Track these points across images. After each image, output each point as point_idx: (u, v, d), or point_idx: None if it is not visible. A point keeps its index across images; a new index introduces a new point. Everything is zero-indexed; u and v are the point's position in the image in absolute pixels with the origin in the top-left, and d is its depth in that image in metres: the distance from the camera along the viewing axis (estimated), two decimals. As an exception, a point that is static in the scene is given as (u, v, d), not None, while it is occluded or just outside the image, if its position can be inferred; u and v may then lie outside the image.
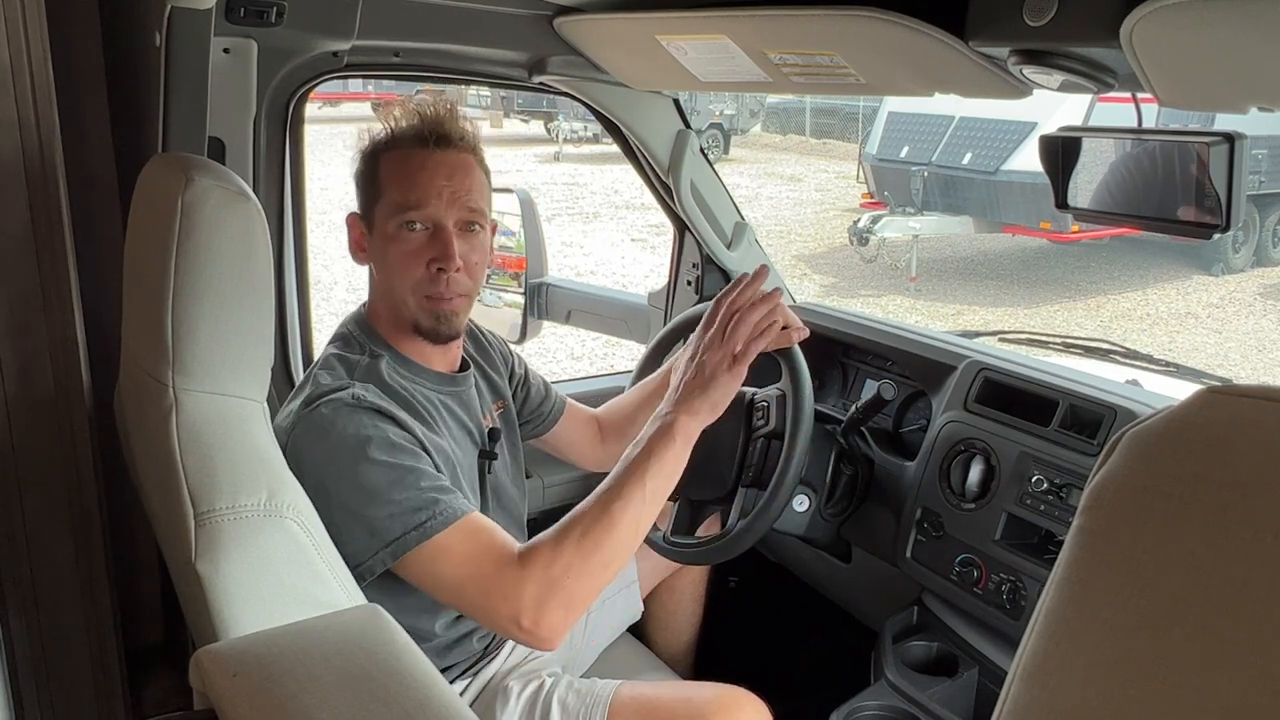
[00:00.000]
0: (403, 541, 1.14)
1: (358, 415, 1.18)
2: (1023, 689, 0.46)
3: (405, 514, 1.15)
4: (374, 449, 1.16)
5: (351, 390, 1.20)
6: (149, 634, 1.73)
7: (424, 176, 1.26)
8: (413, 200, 1.26)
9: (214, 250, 1.01)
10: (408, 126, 1.29)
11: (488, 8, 1.59)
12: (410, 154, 1.28)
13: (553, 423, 1.65)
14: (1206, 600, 0.40)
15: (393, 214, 1.27)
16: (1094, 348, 1.88)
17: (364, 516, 1.15)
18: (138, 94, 1.37)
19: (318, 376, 1.26)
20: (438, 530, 1.15)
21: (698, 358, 1.34)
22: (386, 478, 1.15)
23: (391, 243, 1.28)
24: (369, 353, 1.30)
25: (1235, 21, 0.86)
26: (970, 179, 8.43)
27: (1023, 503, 1.45)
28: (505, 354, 1.57)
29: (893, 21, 1.13)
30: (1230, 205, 1.04)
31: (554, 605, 1.13)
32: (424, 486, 1.17)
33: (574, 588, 1.15)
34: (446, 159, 1.28)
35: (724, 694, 1.32)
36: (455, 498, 1.19)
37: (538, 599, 1.12)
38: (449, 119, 1.29)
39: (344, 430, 1.17)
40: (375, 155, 1.31)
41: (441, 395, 1.35)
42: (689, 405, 1.29)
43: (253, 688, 0.69)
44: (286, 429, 1.22)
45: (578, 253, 9.09)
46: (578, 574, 1.15)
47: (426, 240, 1.27)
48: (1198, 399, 0.44)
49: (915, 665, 1.53)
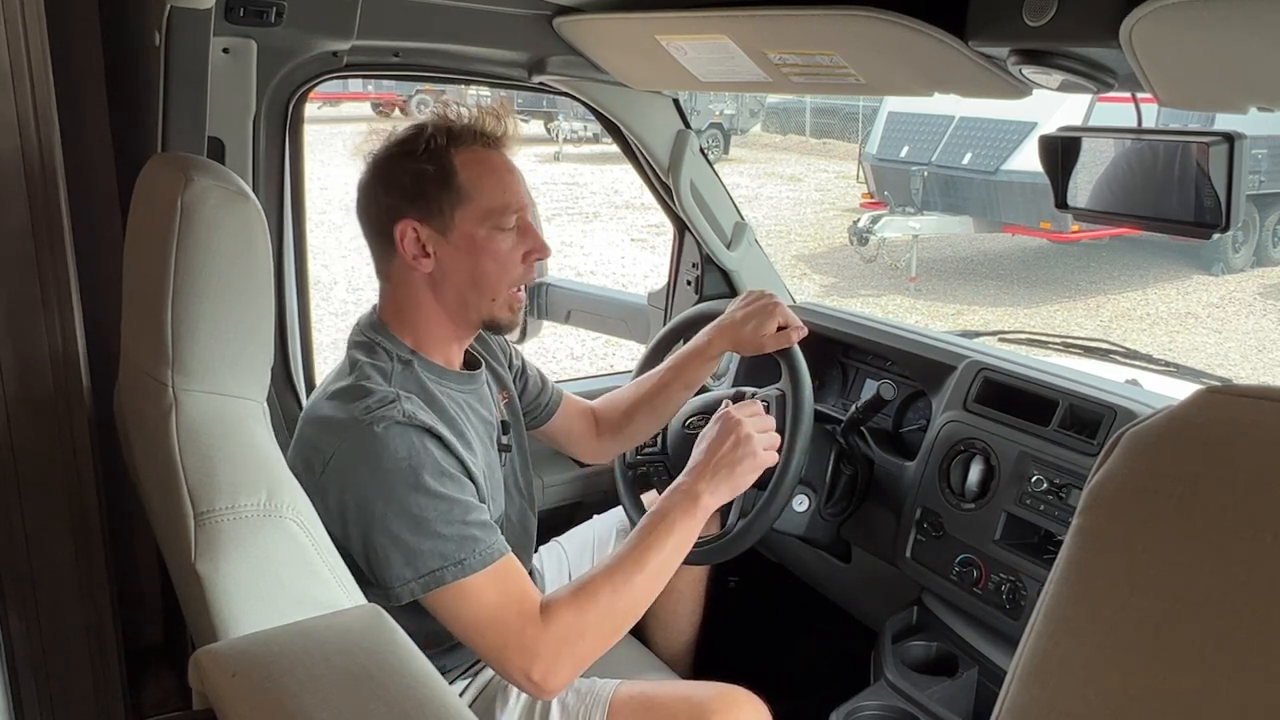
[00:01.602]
0: (438, 575, 1.16)
1: (409, 436, 1.18)
2: (1022, 688, 0.46)
3: (448, 548, 1.16)
4: (426, 476, 1.17)
5: (400, 405, 1.19)
6: (148, 634, 1.73)
7: (511, 179, 1.30)
8: (512, 203, 1.29)
9: (214, 250, 1.01)
10: (473, 125, 1.28)
11: (487, 8, 1.59)
12: (489, 155, 1.29)
13: (550, 414, 1.65)
14: (1205, 599, 0.40)
15: (487, 217, 1.27)
16: (1094, 348, 1.88)
17: (406, 543, 1.15)
18: (137, 94, 1.37)
19: (361, 386, 1.23)
20: (473, 570, 1.17)
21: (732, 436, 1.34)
22: (435, 509, 1.16)
23: (485, 246, 1.27)
24: (396, 357, 1.29)
25: (1235, 21, 0.86)
26: (970, 179, 8.43)
27: (1022, 503, 1.45)
28: (504, 346, 1.58)
29: (892, 21, 1.13)
30: (1230, 205, 1.04)
31: (566, 664, 1.18)
32: (469, 521, 1.18)
33: (587, 651, 1.20)
34: (510, 157, 1.33)
35: (724, 693, 1.32)
36: (495, 536, 1.20)
37: (552, 657, 1.16)
38: (507, 115, 1.32)
39: (396, 453, 1.17)
40: (444, 155, 1.26)
41: (464, 395, 1.36)
42: (714, 485, 1.31)
43: (252, 687, 0.69)
44: (331, 440, 1.19)
45: (578, 253, 9.09)
46: (594, 639, 1.20)
47: (517, 237, 1.30)
48: (1197, 399, 0.44)
49: (915, 665, 1.53)
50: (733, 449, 1.32)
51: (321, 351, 1.90)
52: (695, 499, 1.28)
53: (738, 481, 1.32)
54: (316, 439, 1.22)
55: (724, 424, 1.35)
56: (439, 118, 1.28)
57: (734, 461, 1.31)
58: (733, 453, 1.32)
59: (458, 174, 1.26)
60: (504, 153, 1.31)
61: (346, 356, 1.31)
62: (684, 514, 1.27)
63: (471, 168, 1.27)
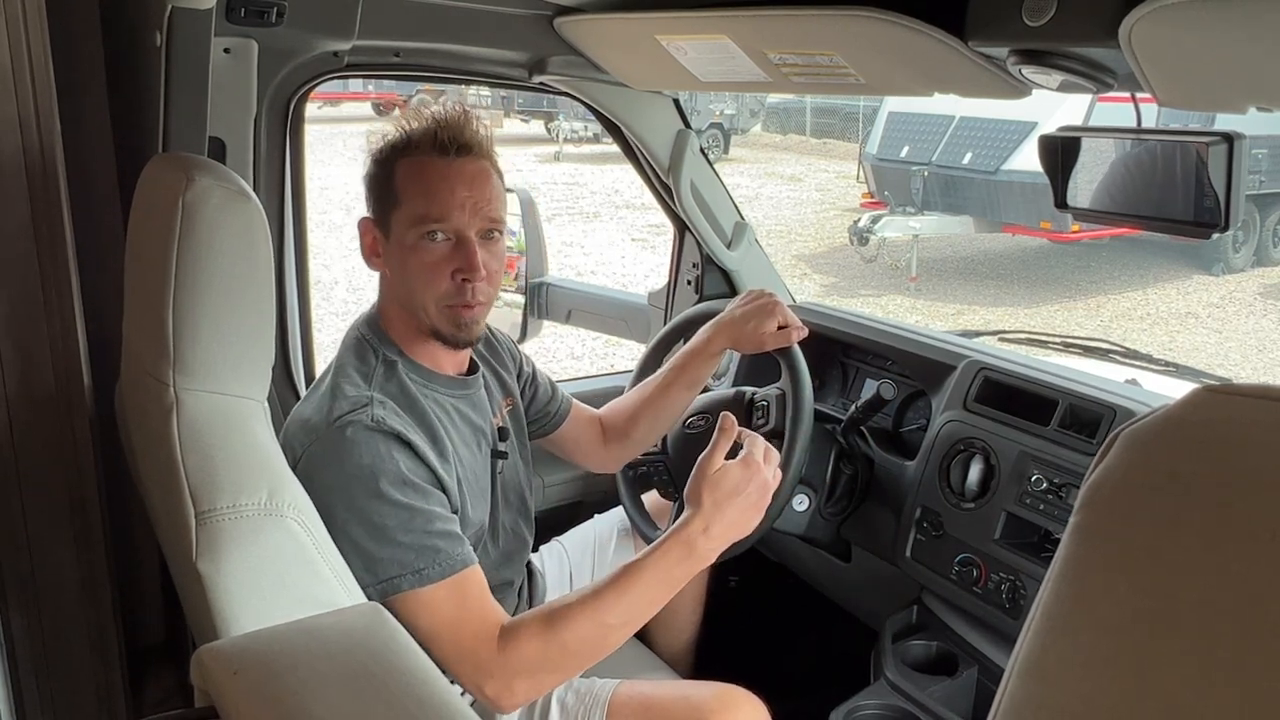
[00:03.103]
0: (394, 583, 1.15)
1: (375, 442, 1.17)
2: (1020, 685, 0.46)
3: (406, 556, 1.15)
4: (386, 484, 1.16)
5: (371, 410, 1.19)
6: (150, 632, 1.73)
7: (445, 187, 1.24)
8: (435, 213, 1.24)
9: (215, 250, 1.01)
10: (424, 133, 1.26)
11: (488, 8, 1.59)
12: (429, 162, 1.25)
13: (559, 423, 1.65)
14: (1202, 597, 0.40)
15: (413, 225, 1.25)
16: (1094, 347, 1.88)
17: (364, 550, 1.15)
18: (138, 94, 1.37)
19: (339, 387, 1.24)
20: (431, 581, 1.16)
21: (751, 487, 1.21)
22: (395, 516, 1.16)
23: (412, 253, 1.25)
24: (382, 357, 1.29)
25: (1234, 21, 0.86)
26: (970, 179, 8.42)
27: (1022, 502, 1.45)
28: (514, 352, 1.57)
29: (892, 21, 1.13)
30: (1229, 205, 1.04)
31: (522, 688, 1.17)
32: (431, 531, 1.17)
33: (547, 679, 1.20)
34: (465, 167, 1.26)
35: (723, 693, 1.32)
36: (459, 548, 1.19)
37: (508, 679, 1.16)
38: (466, 125, 1.27)
39: (360, 459, 1.16)
40: (390, 161, 1.27)
41: (453, 399, 1.35)
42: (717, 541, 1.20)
43: (254, 686, 0.69)
44: (303, 440, 1.20)
45: (578, 252, 9.09)
46: (556, 669, 1.19)
47: (449, 251, 1.25)
48: (1194, 398, 0.44)
49: (915, 664, 1.54)
50: (745, 502, 1.21)
51: (322, 351, 1.90)
52: (695, 550, 1.20)
53: (739, 535, 1.23)
54: (292, 438, 1.23)
55: (741, 477, 1.21)
56: (402, 123, 1.29)
57: (738, 520, 1.21)
58: (740, 514, 1.21)
59: (395, 178, 1.26)
60: (454, 162, 1.25)
61: (337, 355, 1.32)
62: (680, 560, 1.20)
63: (406, 172, 1.26)
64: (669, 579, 1.20)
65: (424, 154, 1.26)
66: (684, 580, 1.22)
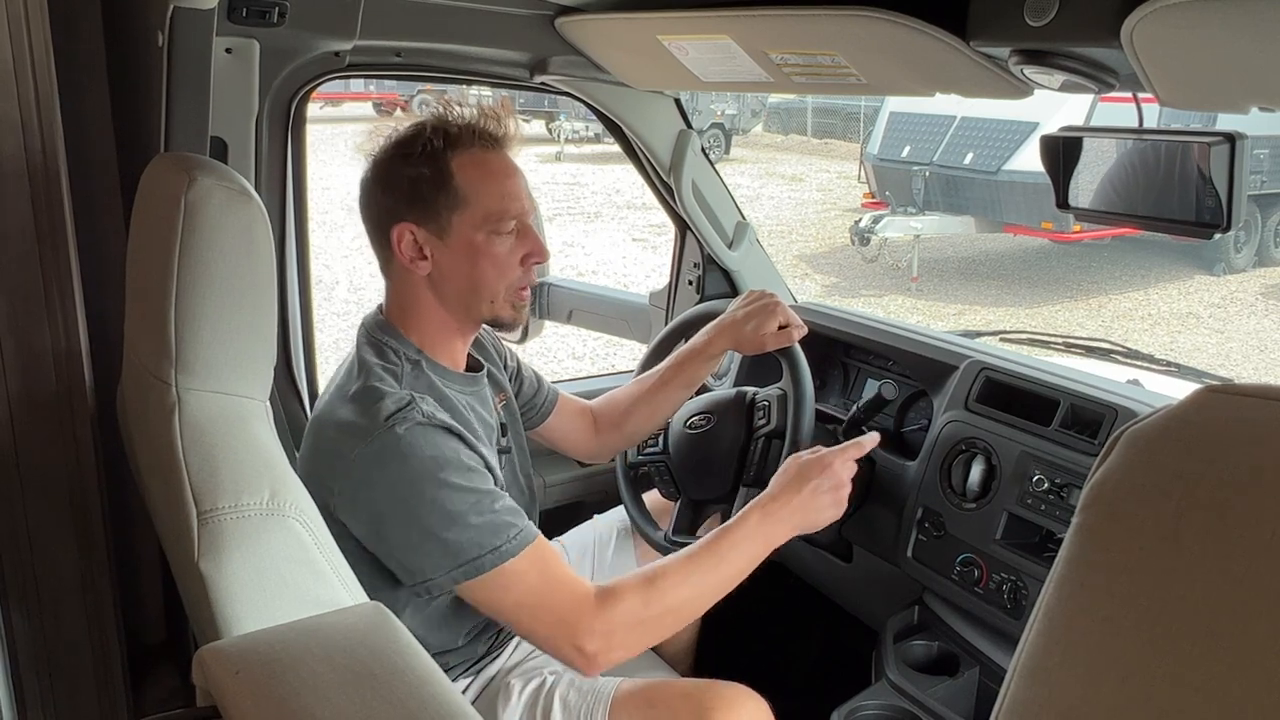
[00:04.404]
0: (479, 563, 1.17)
1: (431, 435, 1.19)
2: (1022, 686, 0.46)
3: (484, 537, 1.18)
4: (452, 472, 1.18)
5: (420, 406, 1.20)
6: (151, 632, 1.73)
7: (511, 182, 1.28)
8: (512, 209, 1.27)
9: (216, 249, 1.01)
10: (471, 126, 1.27)
11: (489, 8, 1.59)
12: (487, 158, 1.27)
13: (546, 415, 1.65)
14: (1204, 598, 0.40)
15: (485, 222, 1.26)
16: (1095, 348, 1.88)
17: (442, 538, 1.17)
18: (140, 94, 1.37)
19: (373, 389, 1.23)
20: (513, 554, 1.18)
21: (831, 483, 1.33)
22: (466, 501, 1.18)
23: (483, 250, 1.27)
24: (405, 357, 1.29)
25: (1236, 21, 0.86)
26: (972, 179, 8.42)
27: (1024, 502, 1.45)
28: (498, 347, 1.58)
29: (894, 21, 1.13)
30: (1231, 205, 1.04)
31: (619, 647, 1.21)
32: (499, 509, 1.20)
33: (643, 638, 1.24)
34: (512, 159, 1.31)
35: (725, 691, 1.32)
36: (525, 521, 1.22)
37: (608, 636, 1.19)
38: (508, 114, 1.30)
39: (422, 453, 1.18)
40: (440, 159, 1.25)
41: (467, 397, 1.35)
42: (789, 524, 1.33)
43: (255, 685, 0.69)
44: (351, 443, 1.19)
45: (579, 252, 9.09)
46: (652, 630, 1.24)
47: (516, 240, 1.29)
48: (1196, 398, 0.44)
49: (916, 665, 1.53)
50: (816, 498, 1.32)
51: (323, 351, 1.90)
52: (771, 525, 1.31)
53: (805, 523, 1.34)
54: (338, 443, 1.21)
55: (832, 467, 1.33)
56: (438, 119, 1.27)
57: (808, 504, 1.32)
58: (812, 497, 1.32)
59: (454, 177, 1.25)
60: (504, 154, 1.30)
61: (355, 358, 1.31)
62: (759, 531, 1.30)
63: (469, 171, 1.25)
64: (748, 547, 1.29)
65: (478, 149, 1.27)
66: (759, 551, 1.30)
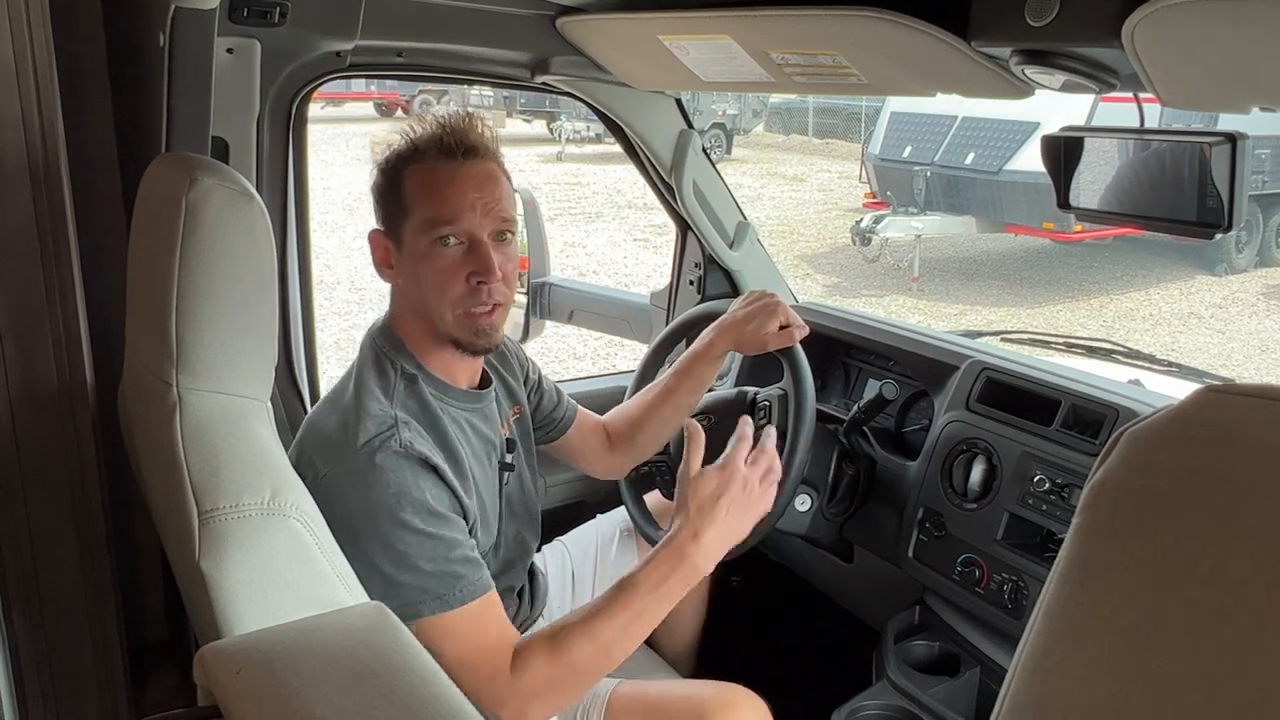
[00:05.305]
0: (415, 609, 1.16)
1: (402, 469, 1.17)
2: (1023, 686, 0.46)
3: (426, 584, 1.16)
4: (411, 513, 1.16)
5: (399, 434, 1.19)
6: (152, 631, 1.73)
7: (454, 190, 1.23)
8: (446, 215, 1.23)
9: (218, 249, 1.01)
10: (429, 139, 1.26)
11: (490, 8, 1.59)
12: (436, 167, 1.24)
13: (564, 430, 1.64)
14: (1205, 598, 0.40)
15: (424, 231, 1.24)
16: (1096, 348, 1.88)
17: (386, 575, 1.16)
18: (141, 94, 1.37)
19: (363, 405, 1.22)
20: (451, 607, 1.17)
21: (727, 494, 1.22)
22: (418, 545, 1.16)
23: (425, 260, 1.24)
24: (401, 371, 1.28)
25: (1237, 21, 0.86)
26: (973, 179, 8.42)
27: (1024, 502, 1.45)
28: (521, 359, 1.56)
29: (895, 21, 1.13)
30: (1232, 205, 1.04)
31: (536, 710, 1.19)
32: (453, 558, 1.18)
33: (558, 699, 1.21)
34: (474, 170, 1.25)
35: (724, 692, 1.32)
36: (479, 572, 1.20)
37: (521, 703, 1.18)
38: (471, 128, 1.26)
39: (386, 487, 1.16)
40: (397, 170, 1.26)
41: (467, 413, 1.34)
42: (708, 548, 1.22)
43: (256, 685, 0.69)
44: (325, 459, 1.20)
45: (580, 252, 9.09)
46: (566, 689, 1.21)
47: (463, 255, 1.24)
48: (1197, 398, 0.44)
49: (917, 665, 1.54)
50: (726, 512, 1.22)
51: (325, 351, 1.90)
52: (687, 558, 1.21)
53: (732, 539, 1.24)
54: (313, 453, 1.22)
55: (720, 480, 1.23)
56: (407, 132, 1.28)
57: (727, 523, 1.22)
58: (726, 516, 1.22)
59: (403, 186, 1.26)
60: (462, 166, 1.25)
61: (355, 366, 1.31)
62: (673, 570, 1.20)
63: (414, 179, 1.25)
64: (665, 591, 1.21)
65: (431, 160, 1.25)
66: (682, 591, 1.22)
